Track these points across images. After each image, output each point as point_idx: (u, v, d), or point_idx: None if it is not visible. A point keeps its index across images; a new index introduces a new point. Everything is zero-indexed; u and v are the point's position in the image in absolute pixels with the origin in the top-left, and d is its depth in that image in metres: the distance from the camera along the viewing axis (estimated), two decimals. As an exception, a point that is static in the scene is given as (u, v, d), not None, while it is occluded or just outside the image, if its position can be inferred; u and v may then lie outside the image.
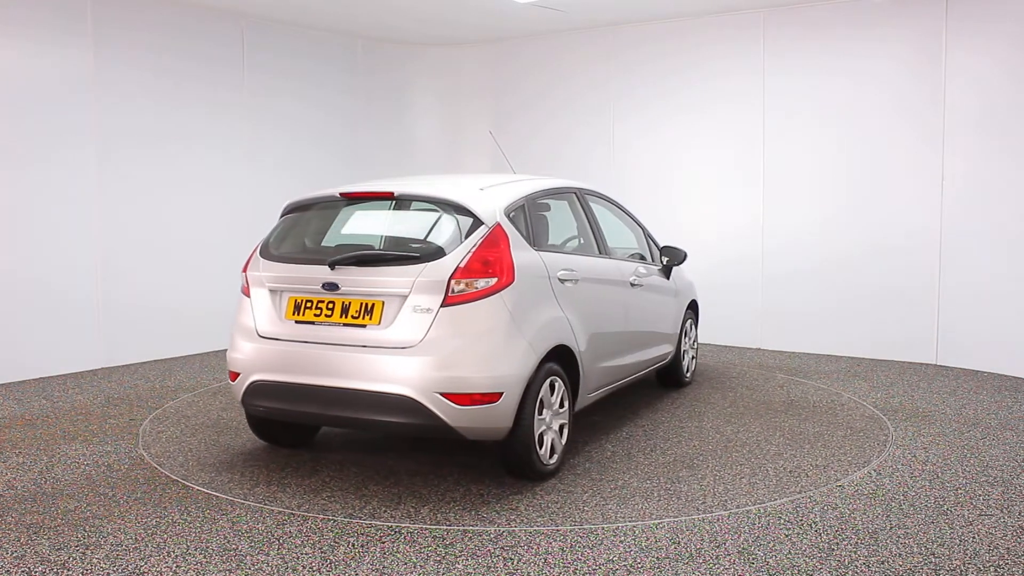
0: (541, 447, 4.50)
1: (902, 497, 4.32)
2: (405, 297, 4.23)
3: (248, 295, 4.72)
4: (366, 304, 4.32)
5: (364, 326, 4.30)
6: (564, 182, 5.61)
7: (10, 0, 6.89)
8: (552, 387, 4.58)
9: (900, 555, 3.63)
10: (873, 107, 7.82)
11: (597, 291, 5.22)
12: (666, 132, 8.94)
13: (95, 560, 3.59)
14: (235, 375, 4.66)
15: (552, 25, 9.13)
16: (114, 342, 7.65)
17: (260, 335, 4.57)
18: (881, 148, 7.82)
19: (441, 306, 4.17)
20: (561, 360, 4.69)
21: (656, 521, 4.02)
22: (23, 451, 5.15)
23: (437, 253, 4.29)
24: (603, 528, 3.94)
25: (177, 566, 3.53)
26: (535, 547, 3.72)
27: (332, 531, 3.91)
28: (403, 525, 3.97)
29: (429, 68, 10.33)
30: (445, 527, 3.95)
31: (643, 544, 3.76)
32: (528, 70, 9.83)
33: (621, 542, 3.78)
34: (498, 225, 4.43)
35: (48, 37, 7.14)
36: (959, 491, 4.42)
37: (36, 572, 3.49)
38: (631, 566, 3.53)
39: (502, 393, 4.19)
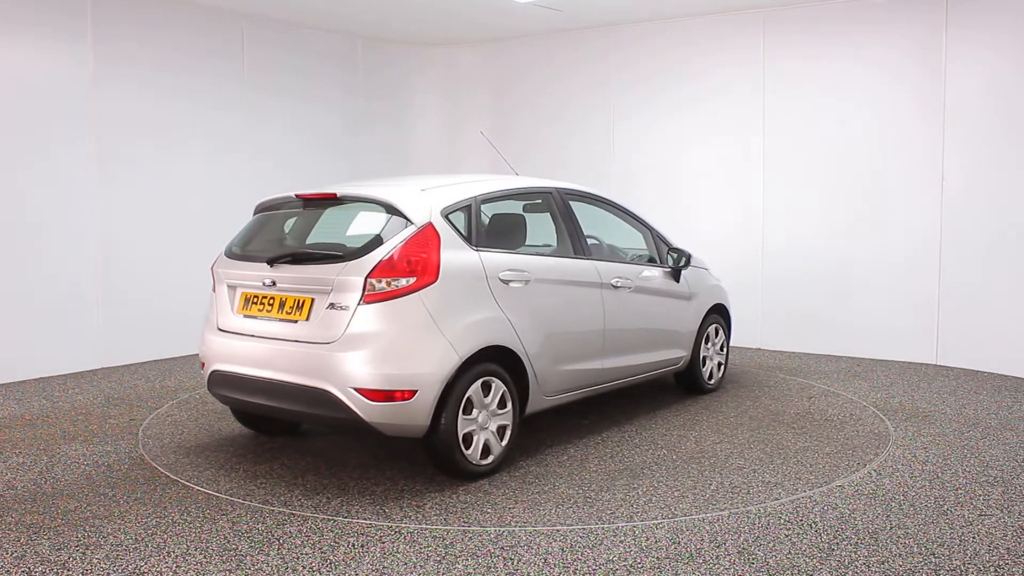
0: (469, 447, 4.51)
1: (902, 497, 4.33)
2: (328, 294, 4.38)
3: (215, 291, 5.02)
4: (299, 300, 4.52)
5: (296, 321, 4.49)
6: (538, 182, 5.58)
7: None
8: (488, 388, 4.60)
9: (900, 555, 3.63)
10: (873, 105, 7.82)
11: (558, 292, 5.14)
12: (666, 132, 8.94)
13: (95, 560, 3.59)
14: (203, 365, 5.01)
15: (552, 24, 9.13)
16: (114, 342, 7.65)
17: (219, 328, 4.88)
18: (881, 147, 7.82)
19: (359, 304, 4.29)
20: (503, 361, 4.71)
21: (656, 521, 4.02)
22: (23, 451, 5.15)
23: (359, 252, 4.41)
24: (603, 528, 3.94)
25: (177, 566, 3.53)
26: (535, 547, 3.72)
27: (332, 531, 3.91)
28: (403, 525, 3.98)
29: (429, 67, 10.33)
30: (444, 527, 3.95)
31: (643, 544, 3.76)
32: (528, 69, 9.83)
33: (621, 542, 3.78)
34: (429, 225, 4.48)
35: (48, 36, 7.14)
36: (959, 491, 4.42)
37: (36, 572, 3.49)
38: (631, 566, 3.54)
39: (416, 391, 4.26)
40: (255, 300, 4.72)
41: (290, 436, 5.47)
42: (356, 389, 4.23)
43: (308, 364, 4.35)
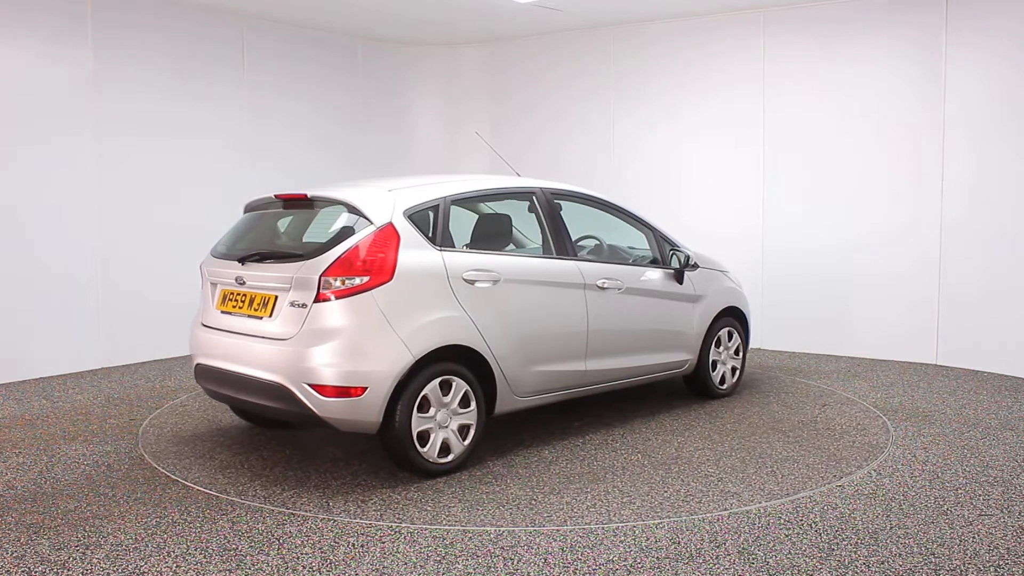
0: (424, 445, 4.56)
1: (902, 497, 4.33)
2: (289, 292, 4.53)
3: (202, 288, 5.26)
4: (265, 298, 4.68)
5: (261, 318, 4.65)
6: (521, 182, 5.57)
7: None
8: (448, 386, 4.64)
9: (900, 555, 3.63)
10: (873, 106, 7.82)
11: (531, 293, 5.10)
12: (666, 132, 8.94)
13: (95, 560, 3.59)
14: (192, 358, 5.20)
15: (552, 25, 9.14)
16: (114, 342, 7.65)
17: (202, 324, 5.09)
18: (881, 147, 7.82)
19: (314, 301, 4.41)
20: (467, 360, 4.75)
21: (656, 521, 4.02)
22: (23, 451, 5.15)
23: (317, 251, 4.53)
24: (603, 528, 3.94)
25: (177, 566, 3.53)
26: (535, 547, 3.72)
27: (332, 531, 3.91)
28: (403, 525, 3.98)
29: (429, 68, 10.33)
30: (445, 527, 3.95)
31: (643, 544, 3.76)
32: (528, 70, 9.83)
33: (621, 542, 3.78)
34: (388, 225, 4.57)
35: (48, 36, 7.14)
36: (959, 491, 4.42)
37: (36, 572, 3.49)
38: (631, 566, 3.54)
39: (366, 388, 4.34)
40: (231, 297, 4.90)
41: (285, 430, 5.53)
42: (310, 385, 4.35)
43: (269, 359, 4.50)
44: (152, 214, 7.87)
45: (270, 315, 4.59)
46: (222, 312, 4.94)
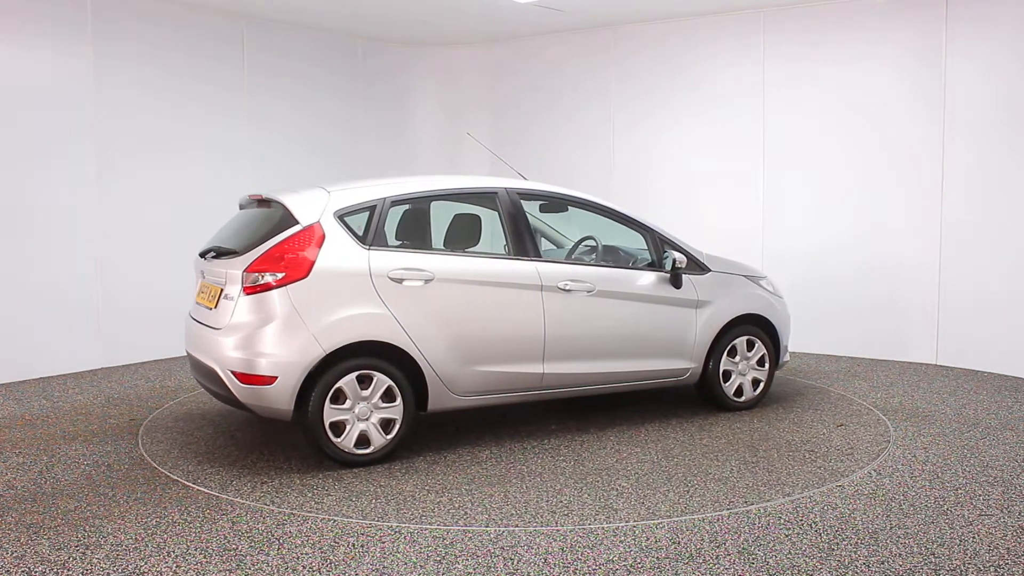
0: (340, 435, 4.77)
1: (902, 497, 4.33)
2: (225, 286, 4.93)
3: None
4: (214, 291, 5.07)
5: (210, 309, 5.06)
6: (481, 182, 5.57)
7: None
8: (368, 381, 4.81)
9: (900, 555, 3.63)
10: (873, 106, 7.82)
11: (472, 292, 5.08)
12: (665, 133, 8.94)
13: (95, 560, 3.59)
14: None
15: (553, 25, 9.14)
16: (114, 342, 7.65)
17: (189, 314, 5.50)
18: (882, 147, 7.82)
19: (240, 295, 4.78)
20: (395, 356, 4.88)
21: (656, 521, 4.02)
22: (23, 451, 5.15)
23: (246, 248, 4.91)
24: (603, 528, 3.94)
25: (177, 566, 3.53)
26: (535, 547, 3.73)
27: (332, 531, 3.91)
28: (403, 525, 3.98)
29: (429, 68, 10.32)
30: (445, 527, 3.95)
31: (643, 544, 3.76)
32: (529, 70, 9.83)
33: (621, 542, 3.78)
34: (313, 225, 4.84)
35: (48, 36, 7.14)
36: (959, 491, 4.42)
37: (36, 572, 3.49)
38: (631, 566, 3.54)
39: (276, 377, 4.64)
40: (201, 289, 5.32)
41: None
42: (231, 372, 4.72)
43: (210, 347, 4.90)
44: (152, 214, 7.87)
45: (215, 306, 4.98)
46: (197, 304, 5.33)
